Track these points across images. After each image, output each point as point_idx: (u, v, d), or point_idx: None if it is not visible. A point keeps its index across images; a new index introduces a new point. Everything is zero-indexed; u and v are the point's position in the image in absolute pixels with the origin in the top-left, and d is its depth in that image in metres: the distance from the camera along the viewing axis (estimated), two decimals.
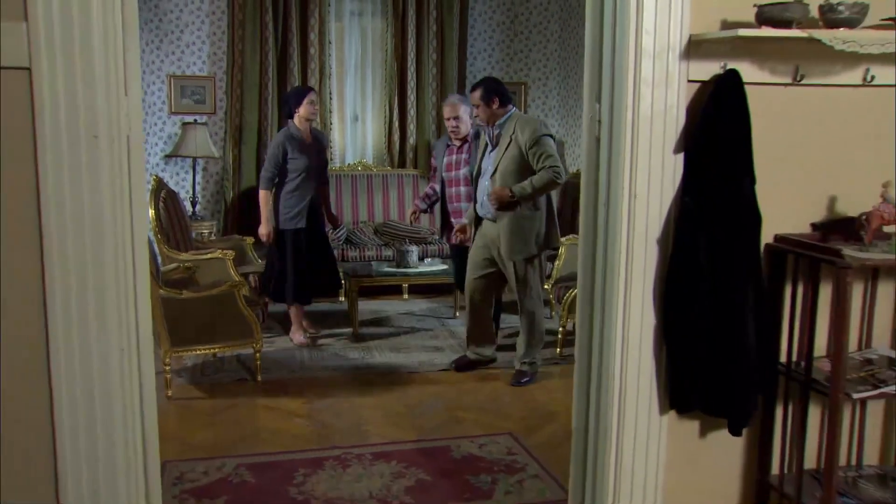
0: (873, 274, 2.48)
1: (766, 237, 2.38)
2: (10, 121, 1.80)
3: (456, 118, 5.05)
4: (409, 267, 5.92)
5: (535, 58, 7.86)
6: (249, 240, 6.10)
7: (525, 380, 4.79)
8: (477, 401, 4.58)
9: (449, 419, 4.29)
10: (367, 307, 6.40)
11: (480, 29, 7.80)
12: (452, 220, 5.16)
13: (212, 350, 4.83)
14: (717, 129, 2.19)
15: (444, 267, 6.07)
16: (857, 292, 2.47)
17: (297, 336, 5.50)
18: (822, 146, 2.41)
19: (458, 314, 6.28)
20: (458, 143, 5.14)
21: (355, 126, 7.55)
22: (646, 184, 2.25)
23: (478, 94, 4.68)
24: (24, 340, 1.91)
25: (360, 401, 4.54)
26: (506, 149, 4.53)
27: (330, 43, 7.37)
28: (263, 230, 5.22)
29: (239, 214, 7.14)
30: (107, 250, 1.91)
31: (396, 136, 7.54)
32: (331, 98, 7.40)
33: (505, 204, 4.55)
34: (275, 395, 4.60)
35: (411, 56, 7.48)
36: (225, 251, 5.16)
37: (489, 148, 4.69)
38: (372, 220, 7.23)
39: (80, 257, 1.88)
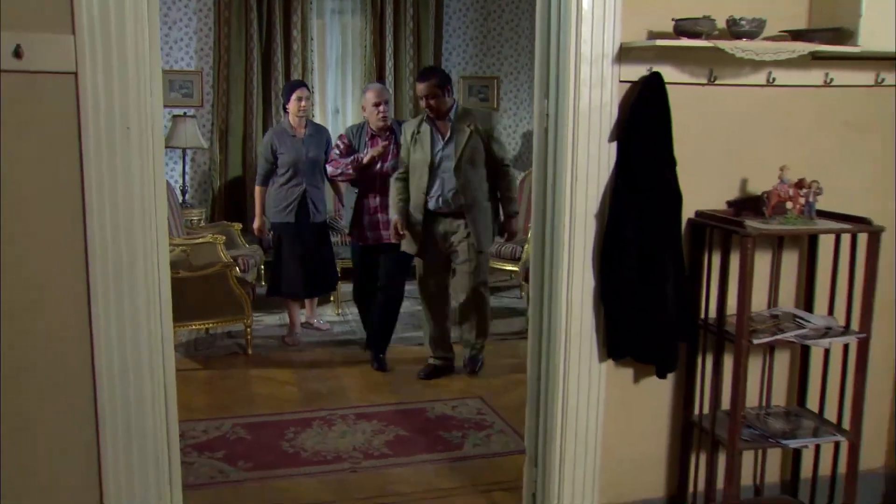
0: (779, 243, 2.93)
1: (689, 213, 2.81)
2: (60, 114, 2.21)
3: (386, 103, 4.89)
4: None
5: (507, 53, 8.29)
6: (237, 226, 6.49)
7: (479, 366, 4.88)
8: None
9: (425, 386, 4.72)
10: (349, 289, 6.81)
11: (455, 26, 8.20)
12: (374, 216, 4.91)
13: (206, 325, 5.25)
14: (644, 122, 2.62)
15: None
16: (765, 260, 2.92)
17: (292, 332, 5.54)
18: (735, 136, 2.84)
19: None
20: (383, 133, 4.92)
21: (336, 118, 7.94)
22: (585, 168, 2.68)
23: (434, 81, 4.50)
24: (70, 298, 2.32)
25: (344, 371, 4.97)
26: (466, 140, 4.46)
27: (312, 39, 7.75)
28: (255, 224, 5.50)
29: (226, 202, 7.53)
30: (136, 221, 2.32)
31: None
32: (313, 92, 7.78)
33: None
34: (265, 367, 5.01)
35: (389, 52, 7.87)
36: (216, 236, 5.54)
37: (440, 140, 4.53)
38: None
39: (115, 227, 2.29)
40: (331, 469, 3.62)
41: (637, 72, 2.67)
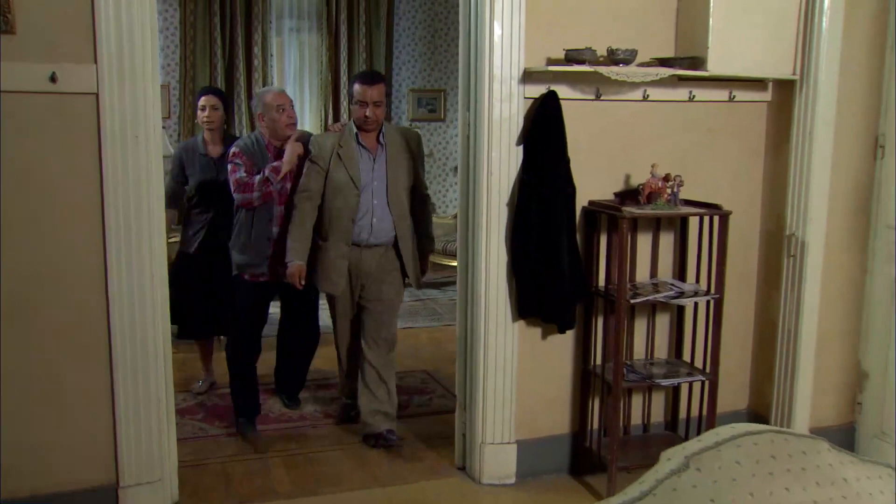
0: (657, 226, 3.66)
1: (583, 202, 3.52)
2: (85, 125, 2.85)
3: (291, 105, 4.05)
4: None
5: (453, 68, 8.98)
6: None
7: (394, 438, 3.99)
8: (400, 350, 5.63)
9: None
10: None
11: (405, 42, 8.88)
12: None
13: None
14: (543, 130, 3.32)
15: None
16: (647, 240, 3.65)
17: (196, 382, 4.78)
18: (619, 140, 3.56)
19: None
20: (277, 145, 4.01)
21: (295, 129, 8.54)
22: (498, 166, 3.37)
23: (383, 87, 3.87)
24: (92, 268, 2.95)
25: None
26: (400, 161, 3.86)
27: (271, 56, 8.36)
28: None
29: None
30: (143, 207, 2.97)
31: None
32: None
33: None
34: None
35: (343, 67, 8.51)
36: None
37: (368, 158, 3.82)
38: None
39: (126, 211, 2.94)
40: (295, 425, 4.27)
41: (538, 90, 3.37)
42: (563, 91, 3.38)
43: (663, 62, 3.43)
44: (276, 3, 8.31)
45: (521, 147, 3.40)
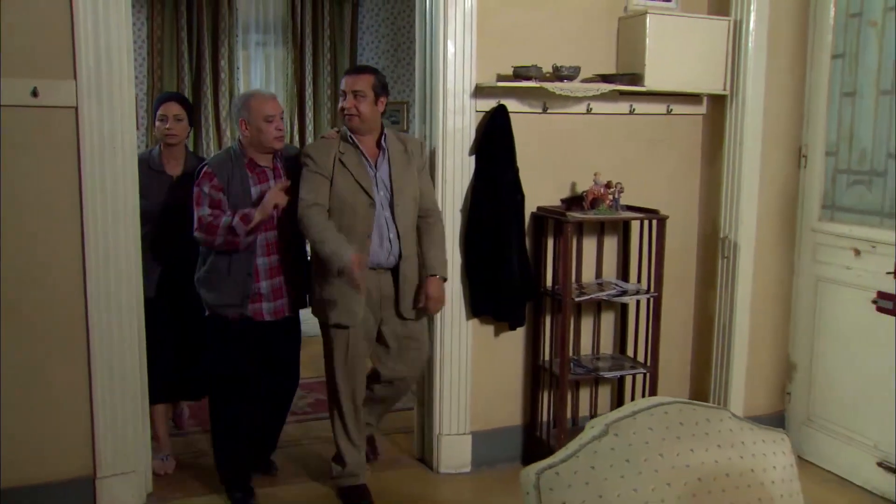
0: (601, 230, 3.93)
1: (532, 208, 3.78)
2: (65, 136, 3.06)
3: (281, 116, 3.51)
4: None
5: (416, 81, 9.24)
6: None
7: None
8: None
9: None
10: None
11: (368, 56, 9.11)
12: (274, 280, 3.43)
13: None
14: (493, 141, 3.58)
15: None
16: (593, 243, 3.92)
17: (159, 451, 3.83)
18: (565, 151, 3.83)
19: None
20: (267, 157, 3.45)
21: None
22: (452, 175, 3.63)
23: (371, 78, 3.41)
24: (71, 267, 3.15)
25: None
26: (404, 170, 3.42)
27: (238, 69, 8.54)
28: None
29: None
30: (119, 212, 3.18)
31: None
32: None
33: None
34: None
35: (308, 80, 8.72)
36: None
37: (369, 166, 3.38)
38: None
39: (104, 216, 3.15)
40: None
41: (489, 104, 3.63)
42: (512, 105, 3.65)
43: (605, 78, 3.72)
44: (243, 17, 8.51)
45: (473, 157, 3.65)
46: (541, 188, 3.80)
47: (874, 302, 3.62)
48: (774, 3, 3.87)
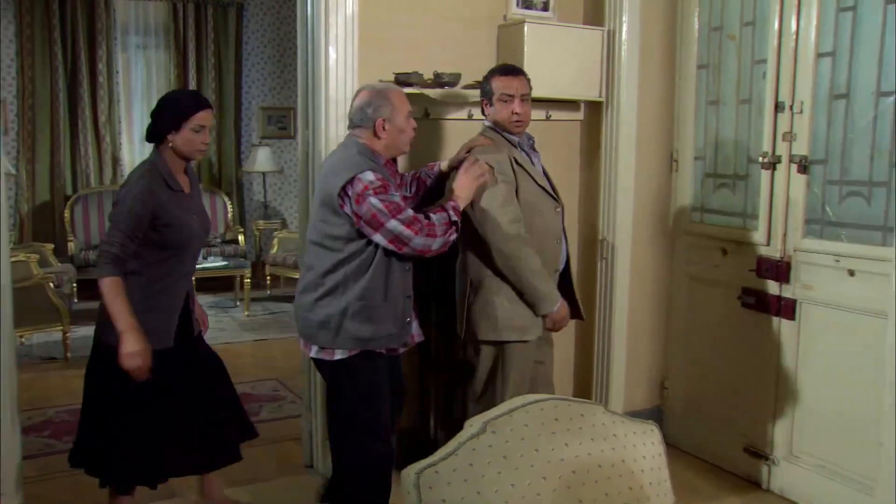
0: None
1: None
2: None
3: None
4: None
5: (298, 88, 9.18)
6: (49, 246, 6.92)
7: None
8: (253, 362, 5.82)
9: (230, 374, 5.48)
10: None
11: (254, 60, 8.99)
12: (406, 300, 2.97)
13: (28, 332, 5.73)
14: None
15: (225, 263, 7.28)
16: None
17: None
18: (448, 156, 3.88)
19: (238, 303, 7.48)
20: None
21: (143, 146, 8.48)
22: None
23: (528, 81, 3.24)
24: None
25: None
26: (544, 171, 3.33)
27: (117, 72, 8.27)
28: (130, 348, 2.76)
29: (34, 225, 7.92)
30: None
31: None
32: (120, 121, 8.32)
33: None
34: (81, 368, 5.55)
35: (193, 84, 8.54)
36: (29, 254, 6.02)
37: (539, 167, 3.29)
38: None
39: None
40: None
41: None
42: None
43: None
44: (121, 18, 8.25)
45: None
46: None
47: (739, 298, 3.83)
48: (645, 15, 4.05)
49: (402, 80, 3.58)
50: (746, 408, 3.85)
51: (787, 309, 3.62)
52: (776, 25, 3.59)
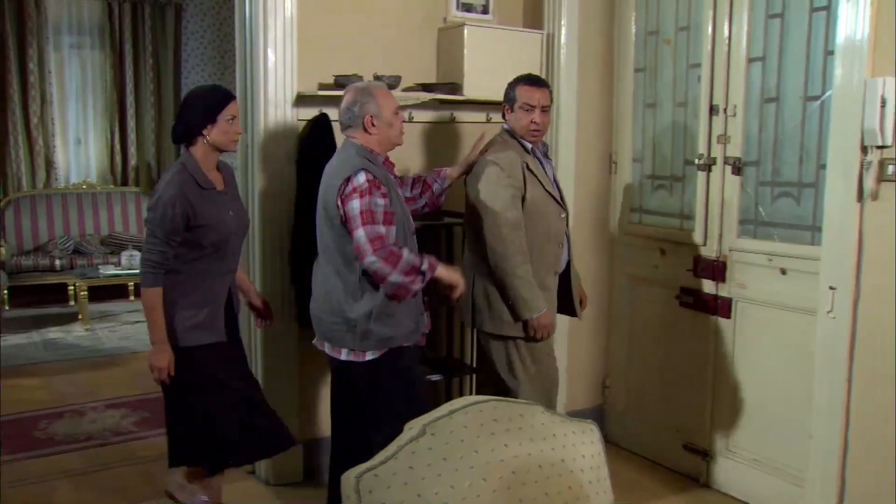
0: (425, 235, 4.01)
1: None
2: None
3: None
4: (133, 269, 6.87)
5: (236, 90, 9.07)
6: None
7: None
8: None
9: None
10: (97, 308, 7.26)
11: (194, 62, 8.84)
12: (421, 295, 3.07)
13: None
14: (315, 149, 3.56)
15: None
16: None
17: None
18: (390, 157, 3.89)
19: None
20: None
21: (78, 148, 8.28)
22: (272, 184, 3.60)
23: (549, 92, 3.36)
24: None
25: (93, 374, 5.51)
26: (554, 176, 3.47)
27: (50, 72, 8.04)
28: (158, 369, 2.88)
29: None
30: None
31: (119, 158, 8.39)
32: (53, 123, 8.10)
33: None
34: (14, 378, 5.42)
35: (130, 86, 8.36)
36: None
37: (551, 177, 3.38)
38: (98, 232, 8.00)
39: None
40: (82, 446, 4.24)
41: (311, 112, 3.62)
42: (334, 113, 3.62)
43: (425, 87, 3.81)
44: (53, 16, 8.03)
45: (296, 164, 3.63)
46: None
47: (678, 298, 3.91)
48: (584, 19, 4.10)
49: (341, 82, 3.56)
50: (685, 405, 3.92)
51: (723, 307, 3.70)
52: (709, 31, 3.66)
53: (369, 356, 2.96)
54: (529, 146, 3.30)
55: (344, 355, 2.99)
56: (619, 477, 3.71)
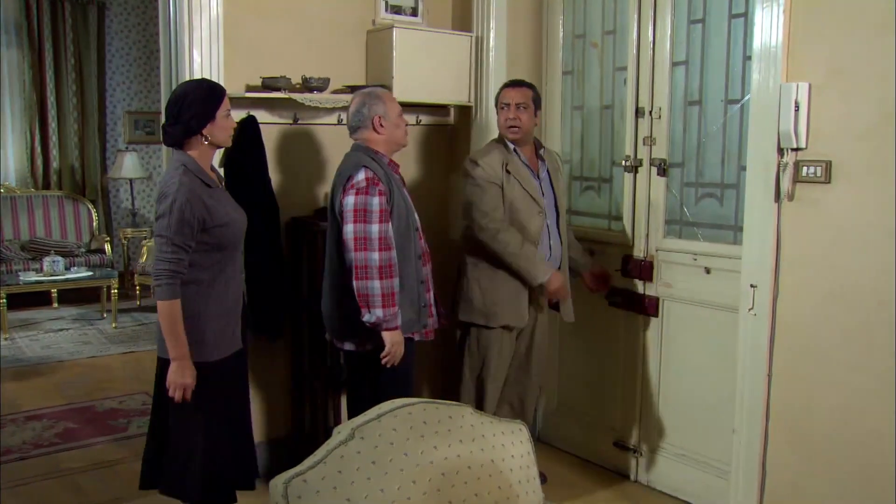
0: None
1: (287, 218, 3.78)
2: None
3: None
4: (56, 275, 6.68)
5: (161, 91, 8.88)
6: None
7: None
8: (122, 375, 5.58)
9: (95, 388, 5.25)
10: (18, 317, 7.02)
11: (118, 63, 8.63)
12: (428, 291, 3.27)
13: None
14: (244, 152, 3.52)
15: (90, 273, 6.94)
16: None
17: None
18: (319, 162, 3.86)
19: (105, 315, 7.16)
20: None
21: None
22: None
23: (531, 92, 3.55)
24: None
25: (12, 385, 5.31)
26: (556, 177, 3.70)
27: None
28: (180, 386, 2.72)
29: None
30: None
31: (40, 161, 8.13)
32: None
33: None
34: None
35: (51, 87, 8.11)
36: None
37: (534, 176, 3.56)
38: (18, 237, 7.75)
39: None
40: (3, 460, 4.09)
41: (238, 115, 3.55)
42: (262, 116, 3.61)
43: (354, 89, 3.74)
44: None
45: (223, 168, 3.57)
46: (295, 199, 3.80)
47: (607, 297, 3.97)
48: (513, 22, 4.13)
49: (269, 84, 3.52)
50: (615, 403, 3.99)
51: (650, 306, 3.78)
52: (635, 34, 3.74)
53: (370, 346, 3.08)
54: (512, 146, 3.51)
55: (347, 346, 3.17)
56: (552, 476, 3.79)
